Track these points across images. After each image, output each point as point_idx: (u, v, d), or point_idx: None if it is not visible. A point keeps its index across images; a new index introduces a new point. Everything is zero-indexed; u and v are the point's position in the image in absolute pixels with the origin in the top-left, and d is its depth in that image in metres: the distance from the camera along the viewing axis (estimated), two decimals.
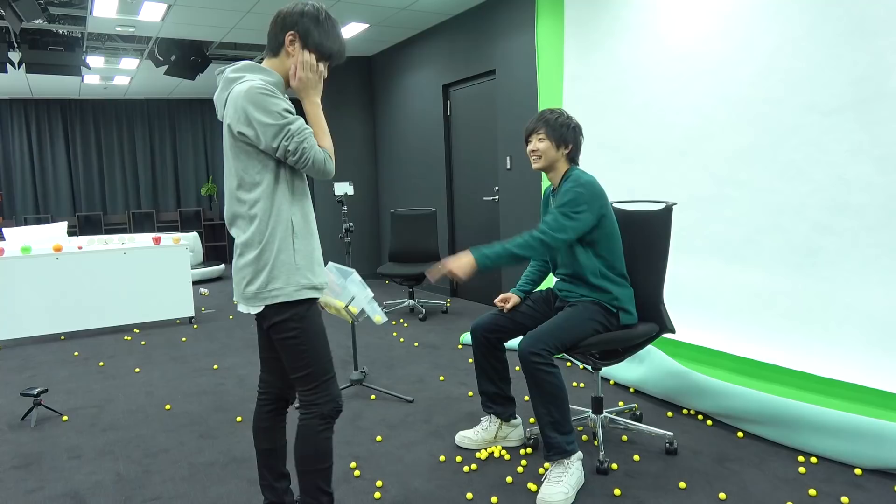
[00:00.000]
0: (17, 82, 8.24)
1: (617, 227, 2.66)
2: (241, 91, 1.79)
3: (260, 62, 1.93)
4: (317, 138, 1.86)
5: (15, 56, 6.37)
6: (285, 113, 1.79)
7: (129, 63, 7.39)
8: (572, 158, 2.70)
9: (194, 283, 8.37)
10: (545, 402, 2.39)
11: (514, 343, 3.63)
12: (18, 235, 6.18)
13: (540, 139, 2.66)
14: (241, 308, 1.94)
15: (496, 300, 2.82)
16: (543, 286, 3.05)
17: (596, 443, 2.72)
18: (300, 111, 5.23)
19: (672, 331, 2.72)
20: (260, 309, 1.88)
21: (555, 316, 2.57)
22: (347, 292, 2.38)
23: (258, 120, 1.76)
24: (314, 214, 1.99)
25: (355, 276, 2.38)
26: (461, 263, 2.45)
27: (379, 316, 2.40)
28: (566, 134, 2.64)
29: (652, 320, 2.71)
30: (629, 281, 2.70)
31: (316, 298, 1.92)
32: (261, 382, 2.11)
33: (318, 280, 1.91)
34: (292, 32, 1.87)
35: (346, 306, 2.37)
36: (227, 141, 1.87)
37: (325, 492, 1.94)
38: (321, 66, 1.91)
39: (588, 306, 2.59)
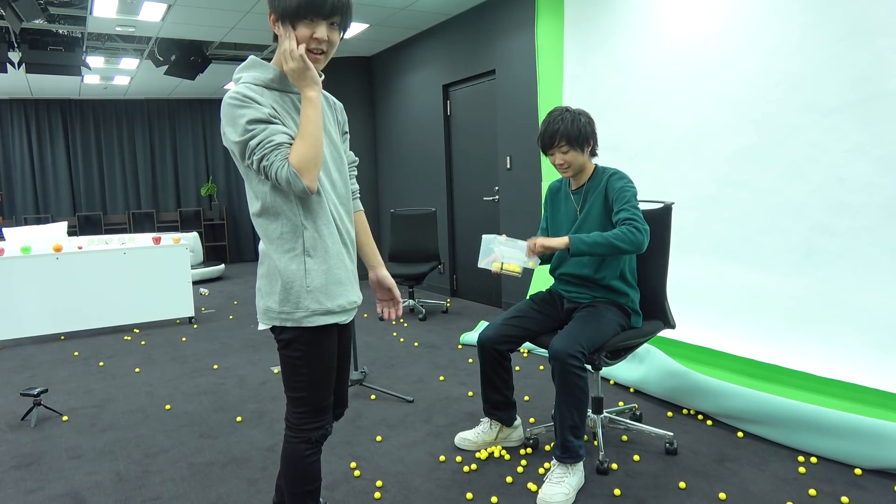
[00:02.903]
0: (17, 82, 8.24)
1: None
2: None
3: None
4: (294, 146, 1.60)
5: (15, 56, 6.37)
6: (250, 125, 1.57)
7: (129, 63, 7.39)
8: (594, 152, 2.70)
9: (194, 283, 8.38)
10: (570, 405, 2.38)
11: (524, 345, 3.80)
12: (18, 235, 6.19)
13: (563, 151, 2.62)
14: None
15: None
16: (544, 286, 3.04)
17: (596, 443, 2.72)
18: None
19: (673, 326, 2.73)
20: (267, 326, 1.76)
21: (579, 317, 2.54)
22: (508, 256, 2.54)
23: (228, 137, 1.61)
24: (338, 226, 1.76)
25: (499, 238, 2.56)
26: (555, 240, 2.47)
27: (532, 262, 2.55)
28: (586, 133, 2.61)
29: (656, 318, 2.73)
30: (637, 284, 2.72)
31: (333, 324, 1.74)
32: None
33: (334, 303, 1.72)
34: (270, 11, 1.64)
35: (521, 268, 2.54)
36: None
37: None
38: (302, 48, 1.60)
39: (608, 306, 2.59)
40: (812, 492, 2.32)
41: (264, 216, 1.69)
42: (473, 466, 2.64)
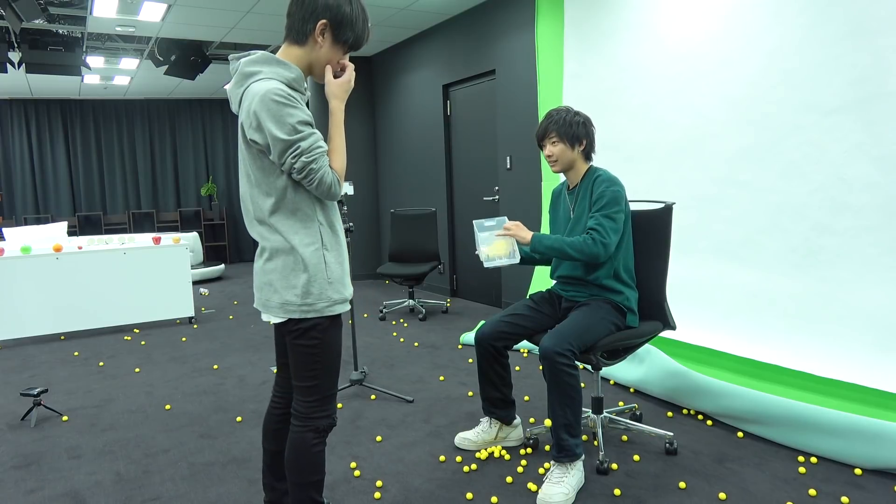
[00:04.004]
0: (17, 82, 8.24)
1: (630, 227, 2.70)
2: (255, 94, 1.66)
3: (275, 50, 1.76)
4: (331, 154, 1.73)
5: (15, 56, 6.37)
6: (300, 126, 1.65)
7: (129, 63, 7.39)
8: (588, 154, 2.71)
9: (194, 283, 8.38)
10: (563, 404, 2.38)
11: (522, 344, 3.78)
12: (18, 235, 6.19)
13: (553, 143, 2.65)
14: (264, 316, 1.86)
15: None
16: (543, 286, 3.05)
17: (596, 443, 2.72)
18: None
19: (673, 327, 2.72)
20: (283, 319, 1.79)
21: (572, 315, 2.55)
22: (488, 241, 2.60)
23: (270, 132, 1.64)
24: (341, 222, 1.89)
25: (479, 225, 2.61)
26: (522, 232, 2.55)
27: (511, 251, 2.58)
28: (577, 131, 2.64)
29: (655, 318, 2.72)
30: (635, 283, 2.72)
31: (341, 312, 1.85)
32: (276, 386, 2.06)
33: (348, 292, 1.84)
34: (324, 22, 1.71)
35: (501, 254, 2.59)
36: (242, 141, 1.75)
37: (318, 502, 1.89)
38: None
39: (601, 304, 2.60)
40: (812, 492, 2.32)
41: (281, 212, 1.74)
42: (473, 466, 2.64)
